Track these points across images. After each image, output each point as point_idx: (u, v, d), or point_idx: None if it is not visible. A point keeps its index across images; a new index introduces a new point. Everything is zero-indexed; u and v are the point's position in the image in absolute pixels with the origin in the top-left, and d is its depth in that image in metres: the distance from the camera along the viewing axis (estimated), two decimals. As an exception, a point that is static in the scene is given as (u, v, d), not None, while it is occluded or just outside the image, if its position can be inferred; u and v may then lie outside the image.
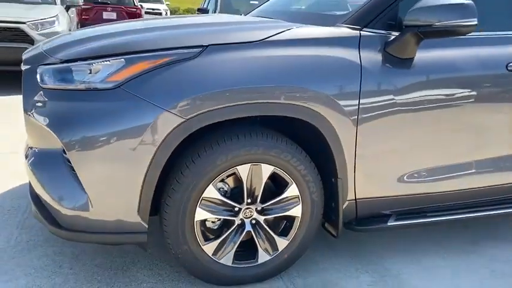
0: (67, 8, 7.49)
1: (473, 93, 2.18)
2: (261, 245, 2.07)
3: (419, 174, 2.20)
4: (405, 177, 2.17)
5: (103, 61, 1.85)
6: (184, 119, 1.77)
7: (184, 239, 1.93)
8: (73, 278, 2.10)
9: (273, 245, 2.09)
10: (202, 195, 1.90)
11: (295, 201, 2.06)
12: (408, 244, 2.57)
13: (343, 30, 2.07)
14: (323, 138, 1.99)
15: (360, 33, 2.05)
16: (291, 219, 2.10)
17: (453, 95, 2.15)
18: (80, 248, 2.34)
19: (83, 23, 11.19)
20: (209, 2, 9.17)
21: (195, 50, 1.84)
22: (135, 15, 11.61)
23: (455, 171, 2.27)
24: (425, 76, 2.10)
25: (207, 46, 1.85)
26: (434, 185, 2.25)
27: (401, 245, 2.55)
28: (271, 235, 2.07)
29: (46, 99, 1.90)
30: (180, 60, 1.82)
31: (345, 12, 2.23)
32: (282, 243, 2.10)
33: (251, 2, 8.66)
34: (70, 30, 7.17)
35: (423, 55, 2.10)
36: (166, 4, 27.06)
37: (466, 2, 1.93)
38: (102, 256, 2.28)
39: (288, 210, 2.06)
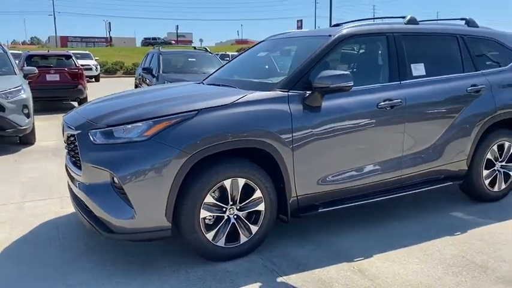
0: (25, 76, 8.33)
1: (359, 123, 3.56)
2: (242, 231, 3.24)
3: (329, 178, 3.50)
4: (320, 181, 3.47)
5: (136, 124, 2.99)
6: (191, 154, 2.94)
7: (195, 230, 3.05)
8: (119, 270, 3.12)
9: (249, 230, 3.27)
10: (204, 201, 3.06)
11: (260, 201, 3.26)
12: (337, 225, 3.84)
13: (278, 93, 3.37)
14: (274, 160, 3.24)
15: (288, 94, 3.37)
16: (258, 213, 3.29)
17: (346, 125, 3.51)
18: (112, 253, 3.35)
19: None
20: (151, 61, 10.35)
21: (193, 112, 3.04)
22: (77, 75, 12.42)
23: (352, 174, 3.60)
24: (329, 116, 3.44)
25: (199, 110, 3.06)
26: (340, 184, 3.56)
27: (332, 226, 3.82)
28: (247, 224, 3.25)
29: (99, 151, 2.99)
30: (185, 119, 3.01)
31: (278, 81, 3.53)
32: (254, 229, 3.28)
33: (189, 59, 9.99)
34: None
35: (327, 103, 3.44)
36: (96, 59, 27.77)
37: (346, 72, 3.34)
38: (132, 256, 3.32)
39: (256, 206, 3.26)
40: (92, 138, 3.04)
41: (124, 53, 41.77)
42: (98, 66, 26.75)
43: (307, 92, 3.40)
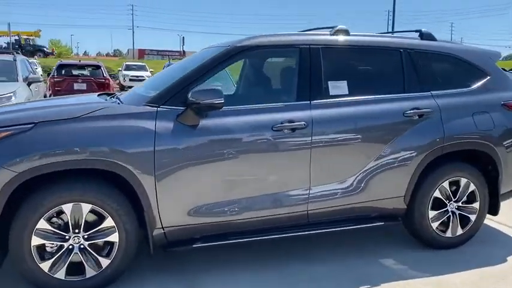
0: (29, 84, 8.54)
1: (246, 146, 3.04)
2: (87, 263, 2.84)
3: (205, 209, 3.01)
4: (193, 212, 2.98)
5: (-32, 136, 2.73)
6: (17, 173, 2.61)
7: (24, 259, 2.71)
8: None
9: (98, 264, 2.86)
10: (36, 227, 2.71)
11: (112, 230, 2.85)
12: (232, 263, 3.33)
13: (144, 108, 2.96)
14: (130, 185, 2.83)
15: (157, 110, 2.95)
16: (111, 244, 2.88)
17: (230, 149, 3.00)
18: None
19: (56, 94, 12.23)
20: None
21: (29, 125, 2.72)
22: (103, 85, 12.75)
23: (238, 207, 3.07)
24: (207, 137, 2.96)
25: (37, 123, 2.74)
26: (222, 216, 3.05)
27: (224, 264, 3.31)
28: (95, 256, 2.85)
29: None
30: (18, 133, 2.69)
31: (149, 96, 3.12)
32: (105, 262, 2.87)
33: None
34: (30, 102, 8.17)
35: (207, 122, 2.98)
36: (151, 71, 28.68)
37: (217, 87, 2.86)
38: None
39: (107, 236, 2.86)
40: None
41: (185, 65, 43.05)
42: (152, 78, 27.60)
43: (183, 108, 2.97)
